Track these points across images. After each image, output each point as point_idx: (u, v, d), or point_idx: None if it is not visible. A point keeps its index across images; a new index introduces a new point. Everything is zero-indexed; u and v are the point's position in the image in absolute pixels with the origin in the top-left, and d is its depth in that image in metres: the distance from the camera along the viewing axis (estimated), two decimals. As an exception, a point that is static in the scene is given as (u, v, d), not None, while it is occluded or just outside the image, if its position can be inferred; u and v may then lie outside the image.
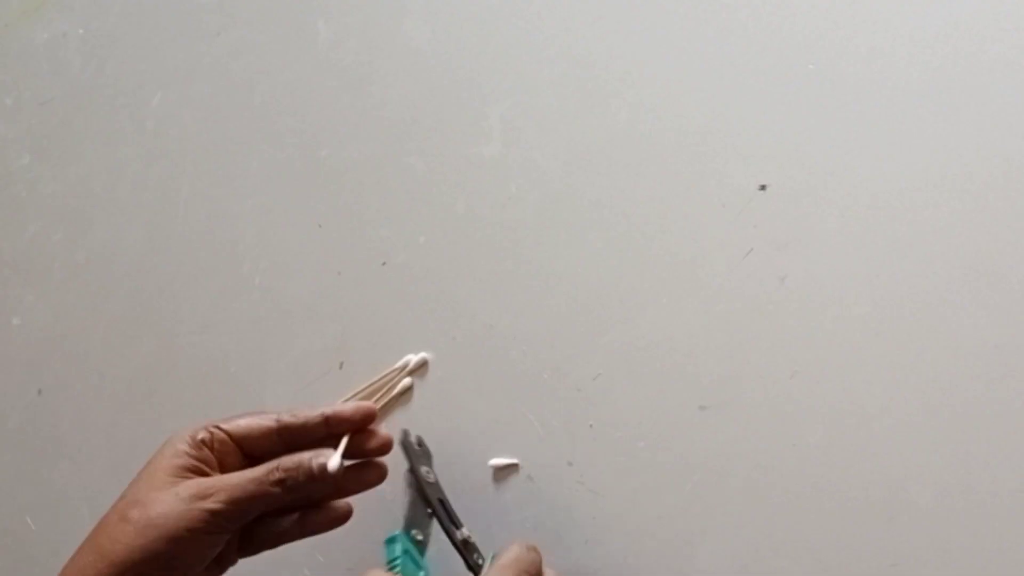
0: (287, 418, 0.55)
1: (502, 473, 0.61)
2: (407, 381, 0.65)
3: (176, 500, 0.50)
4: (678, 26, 0.61)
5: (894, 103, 0.55)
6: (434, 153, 0.68)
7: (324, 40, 0.74)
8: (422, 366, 0.65)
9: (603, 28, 0.64)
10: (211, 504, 0.50)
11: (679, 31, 0.61)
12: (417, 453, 0.59)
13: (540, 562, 0.53)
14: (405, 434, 0.59)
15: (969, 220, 0.52)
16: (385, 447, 0.55)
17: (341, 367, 0.68)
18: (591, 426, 0.59)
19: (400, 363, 0.65)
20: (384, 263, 0.68)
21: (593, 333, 0.60)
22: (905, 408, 0.52)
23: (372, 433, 0.55)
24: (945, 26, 0.54)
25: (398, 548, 0.54)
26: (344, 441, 0.54)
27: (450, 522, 0.57)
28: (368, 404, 0.56)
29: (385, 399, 0.65)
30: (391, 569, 0.54)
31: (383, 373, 0.65)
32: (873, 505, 0.52)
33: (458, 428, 0.62)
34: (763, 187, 0.57)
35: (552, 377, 0.61)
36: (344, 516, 0.55)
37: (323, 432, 0.55)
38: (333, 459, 0.52)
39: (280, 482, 0.52)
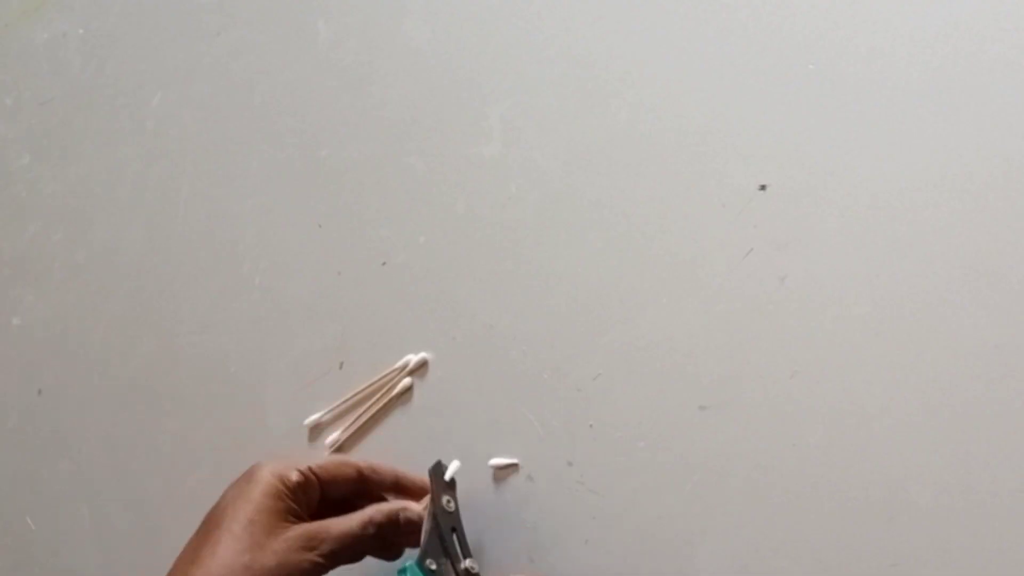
0: (368, 473, 0.59)
1: (502, 473, 0.61)
2: (407, 381, 0.65)
3: (289, 550, 0.53)
4: (678, 26, 0.61)
5: (894, 103, 0.55)
6: (434, 153, 0.68)
7: (324, 40, 0.74)
8: (422, 366, 0.65)
9: (603, 28, 0.64)
10: (317, 555, 0.53)
11: (679, 31, 0.61)
12: (442, 484, 0.59)
13: None
14: (437, 465, 0.59)
15: (969, 220, 0.52)
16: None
17: (341, 367, 0.68)
18: (591, 426, 0.59)
19: (400, 363, 0.65)
20: (384, 263, 0.68)
21: (593, 333, 0.60)
22: (905, 408, 0.52)
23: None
24: (945, 26, 0.54)
25: None
26: (427, 500, 0.58)
27: (458, 551, 0.58)
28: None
29: (385, 399, 0.65)
30: None
31: (383, 373, 0.65)
32: (873, 505, 0.52)
33: (458, 428, 0.62)
34: (763, 187, 0.57)
35: (552, 377, 0.61)
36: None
37: (395, 489, 0.59)
38: (415, 512, 0.58)
39: (372, 536, 0.55)
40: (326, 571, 0.54)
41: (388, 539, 0.57)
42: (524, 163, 0.64)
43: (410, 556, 0.57)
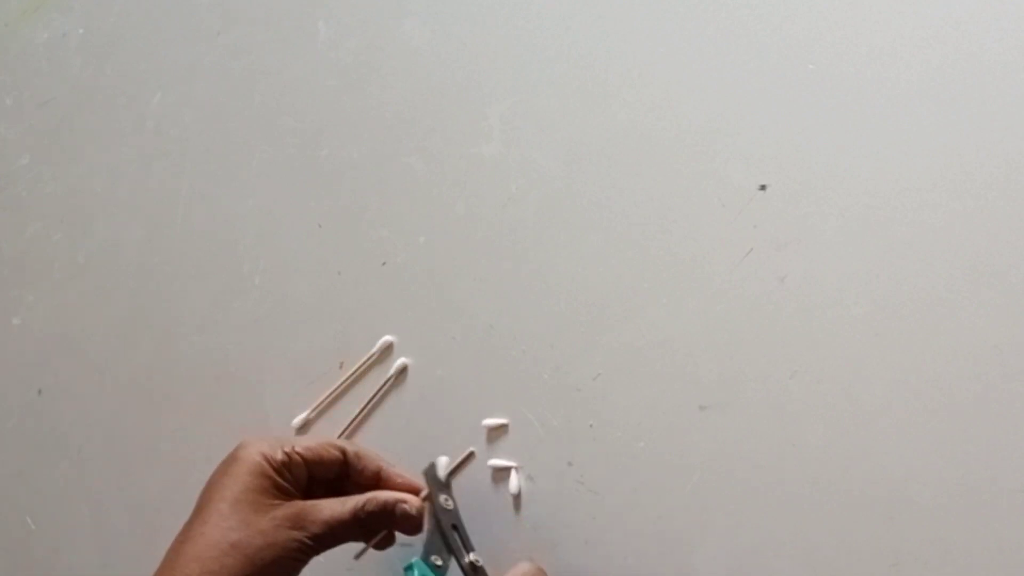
0: (352, 458, 0.59)
1: (502, 473, 0.61)
2: (402, 361, 0.65)
3: (276, 528, 0.53)
4: (678, 26, 0.61)
5: (894, 103, 0.55)
6: (434, 153, 0.68)
7: (324, 40, 0.74)
8: (389, 347, 0.66)
9: (603, 28, 0.64)
10: (307, 535, 0.53)
11: (679, 31, 0.61)
12: (439, 483, 0.59)
13: None
14: (431, 466, 0.60)
15: (969, 220, 0.52)
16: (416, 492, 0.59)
17: (341, 367, 0.68)
18: (591, 426, 0.59)
19: (376, 346, 0.66)
20: (384, 263, 0.68)
21: (593, 333, 0.60)
22: (905, 408, 0.52)
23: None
24: (945, 26, 0.54)
25: (415, 574, 0.55)
26: (424, 493, 0.59)
27: (460, 546, 0.58)
28: (418, 485, 0.59)
29: (372, 387, 0.66)
30: None
31: (359, 362, 0.66)
32: (873, 505, 0.52)
33: (457, 428, 0.62)
34: (763, 187, 0.57)
35: (552, 377, 0.61)
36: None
37: (372, 480, 0.59)
38: (415, 506, 0.58)
39: (364, 523, 0.55)
40: (313, 553, 0.54)
41: (377, 528, 0.57)
42: (524, 163, 0.64)
43: (414, 552, 0.57)
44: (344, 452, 0.59)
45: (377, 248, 0.68)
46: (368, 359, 0.66)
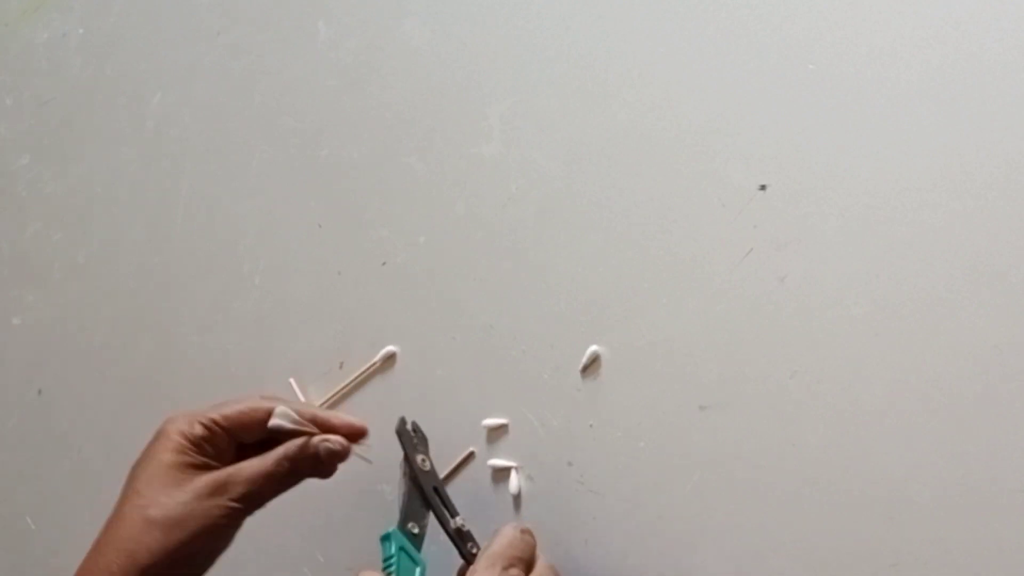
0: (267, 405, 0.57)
1: (502, 473, 0.61)
2: (389, 348, 0.66)
3: (195, 499, 0.52)
4: (678, 26, 0.61)
5: (894, 103, 0.55)
6: (434, 153, 0.68)
7: (324, 40, 0.74)
8: (391, 358, 0.66)
9: (603, 28, 0.64)
10: (229, 499, 0.52)
11: (679, 31, 0.61)
12: (412, 442, 0.59)
13: (534, 545, 0.54)
14: (401, 422, 0.59)
15: (969, 220, 0.52)
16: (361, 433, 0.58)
17: (341, 367, 0.68)
18: (591, 426, 0.59)
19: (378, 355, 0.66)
20: (384, 263, 0.68)
21: (593, 333, 0.60)
22: (905, 408, 0.52)
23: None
24: (945, 26, 0.54)
25: (392, 546, 0.54)
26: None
27: (444, 511, 0.57)
28: (360, 423, 0.58)
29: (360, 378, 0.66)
30: (386, 568, 0.54)
31: (359, 371, 0.66)
32: (873, 504, 0.52)
33: (458, 428, 0.62)
34: (763, 187, 0.57)
35: (552, 377, 0.61)
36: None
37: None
38: (337, 441, 0.56)
39: (290, 470, 0.54)
40: (244, 515, 0.53)
41: (305, 473, 0.56)
42: (524, 163, 0.64)
43: (392, 521, 0.56)
44: (269, 411, 0.57)
45: (377, 248, 0.68)
46: (370, 367, 0.66)
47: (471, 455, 0.62)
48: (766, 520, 0.54)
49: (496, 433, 0.62)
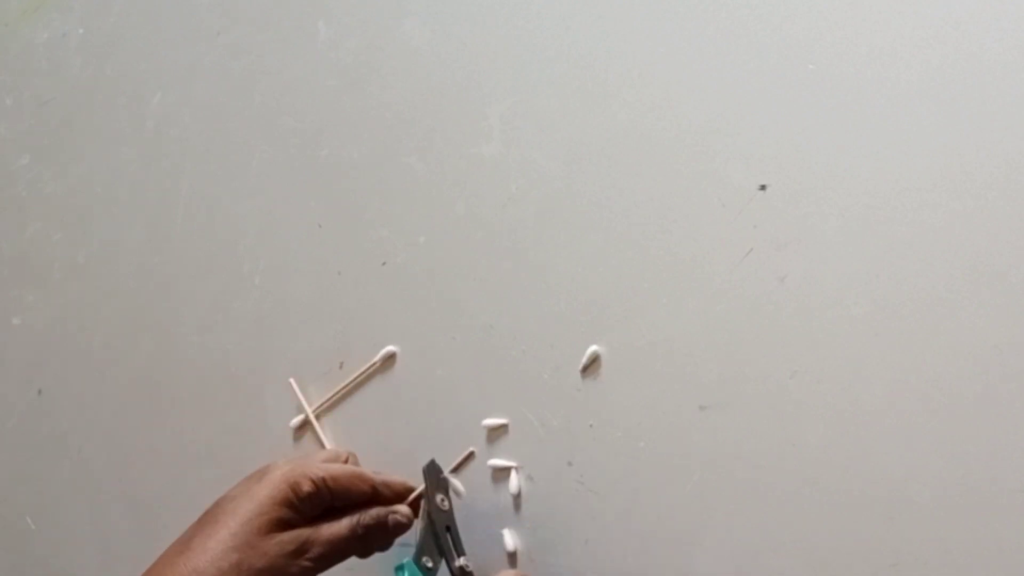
0: (382, 489, 0.59)
1: (502, 473, 0.61)
2: (389, 349, 0.66)
3: (280, 554, 0.53)
4: (678, 26, 0.61)
5: (894, 103, 0.55)
6: (434, 153, 0.68)
7: (324, 40, 0.74)
8: (390, 357, 0.66)
9: (603, 28, 0.64)
10: (307, 559, 0.54)
11: (679, 31, 0.61)
12: (435, 482, 0.60)
13: None
14: (431, 463, 0.60)
15: (969, 220, 0.52)
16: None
17: (341, 367, 0.68)
18: (591, 426, 0.59)
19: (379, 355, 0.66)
20: (384, 263, 0.68)
21: (593, 333, 0.60)
22: (905, 408, 0.52)
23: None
24: (945, 26, 0.54)
25: (406, 575, 0.56)
26: (420, 489, 0.60)
27: (452, 549, 0.58)
28: (409, 485, 0.61)
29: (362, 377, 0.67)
30: None
31: (361, 369, 0.67)
32: (873, 504, 0.52)
33: (458, 428, 0.62)
34: (763, 187, 0.57)
35: (552, 377, 0.61)
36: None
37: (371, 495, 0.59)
38: (403, 513, 0.59)
39: (361, 538, 0.57)
40: (314, 575, 0.55)
41: (373, 540, 0.58)
42: (524, 163, 0.64)
43: (405, 553, 0.57)
44: (373, 486, 0.59)
45: (377, 248, 0.68)
46: (370, 367, 0.66)
47: (471, 455, 0.62)
48: (766, 520, 0.54)
49: (496, 433, 0.62)
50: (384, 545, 0.59)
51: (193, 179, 0.78)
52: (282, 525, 0.54)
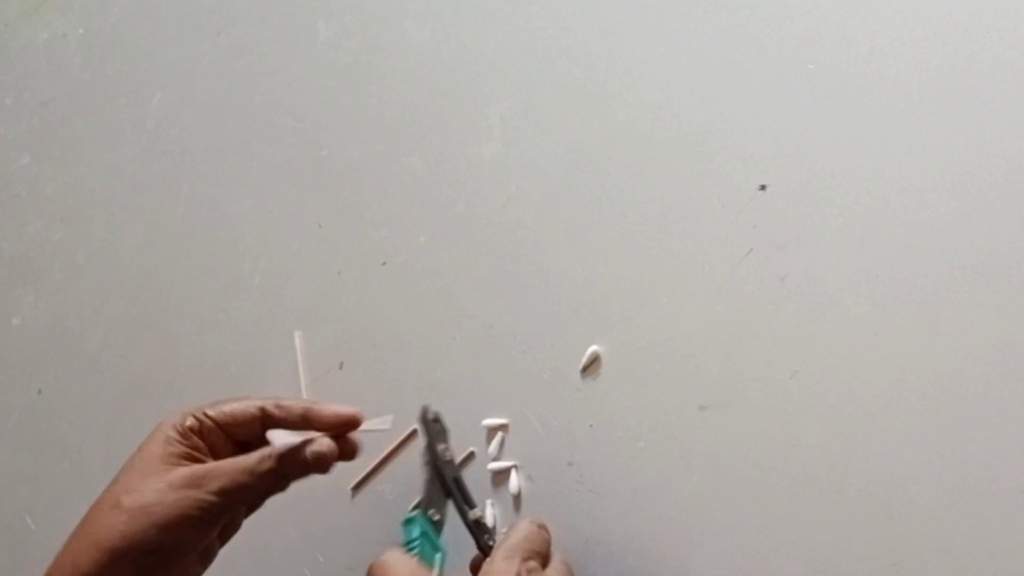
0: (272, 409, 0.55)
1: (502, 473, 0.61)
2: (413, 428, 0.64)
3: (169, 488, 0.51)
4: (678, 26, 0.61)
5: (894, 103, 0.55)
6: (434, 153, 0.68)
7: (324, 40, 0.74)
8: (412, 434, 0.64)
9: (603, 28, 0.64)
10: (204, 493, 0.51)
11: (679, 31, 0.61)
12: (435, 430, 0.58)
13: (549, 541, 0.54)
14: (424, 411, 0.58)
15: (969, 220, 0.52)
16: (353, 454, 0.56)
17: (341, 367, 0.68)
18: (591, 426, 0.59)
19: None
20: (384, 263, 0.68)
21: (593, 333, 0.60)
22: (905, 408, 0.52)
23: (345, 439, 0.56)
24: (945, 26, 0.54)
25: (416, 530, 0.54)
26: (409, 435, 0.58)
27: (464, 502, 0.57)
28: (351, 412, 0.56)
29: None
30: (409, 551, 0.53)
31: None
32: (873, 505, 0.52)
33: (458, 428, 0.62)
34: (763, 187, 0.57)
35: (552, 377, 0.61)
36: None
37: (302, 425, 0.55)
38: (324, 444, 0.54)
39: (272, 471, 0.52)
40: (219, 510, 0.52)
41: (292, 475, 0.54)
42: (524, 163, 0.64)
43: (396, 520, 0.55)
44: (261, 407, 0.56)
45: (377, 248, 0.68)
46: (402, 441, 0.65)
47: (471, 455, 0.62)
48: (766, 520, 0.54)
49: (496, 433, 0.62)
50: (320, 472, 0.54)
51: (193, 179, 0.78)
52: (174, 464, 0.52)
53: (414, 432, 0.63)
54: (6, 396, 0.82)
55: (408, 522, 0.54)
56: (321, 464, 0.54)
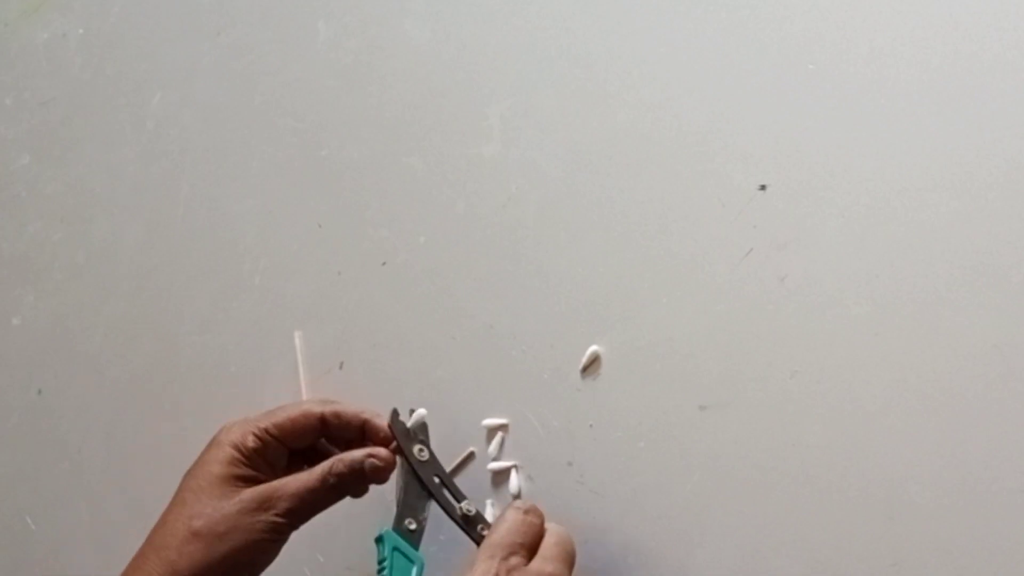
0: (331, 419, 0.57)
1: (502, 473, 0.61)
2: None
3: (241, 513, 0.53)
4: (678, 26, 0.61)
5: (894, 103, 0.55)
6: (434, 153, 0.68)
7: (324, 40, 0.74)
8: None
9: (603, 28, 0.64)
10: (274, 515, 0.53)
11: (679, 31, 0.61)
12: (406, 433, 0.58)
13: (539, 524, 0.53)
14: (394, 414, 0.58)
15: (969, 220, 0.52)
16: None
17: (341, 367, 0.68)
18: (591, 426, 0.59)
19: None
20: (384, 263, 0.68)
21: (593, 333, 0.60)
22: (905, 408, 0.52)
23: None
24: (945, 26, 0.54)
25: (386, 548, 0.54)
26: (392, 446, 0.58)
27: (450, 498, 0.57)
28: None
29: None
30: (380, 571, 0.54)
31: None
32: (873, 505, 0.52)
33: (457, 428, 0.62)
34: (763, 187, 0.57)
35: (552, 377, 0.61)
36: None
37: (360, 438, 0.58)
38: (383, 457, 0.56)
39: (335, 486, 0.55)
40: (289, 529, 0.54)
41: (351, 488, 0.56)
42: (524, 163, 0.64)
43: (385, 523, 0.56)
44: (321, 418, 0.57)
45: (377, 248, 0.68)
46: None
47: (471, 455, 0.62)
48: (766, 520, 0.54)
49: (496, 433, 0.62)
50: (360, 492, 0.57)
51: (193, 179, 0.78)
52: (239, 485, 0.54)
53: None
54: (6, 396, 0.82)
55: (378, 540, 0.55)
56: (379, 476, 0.56)
